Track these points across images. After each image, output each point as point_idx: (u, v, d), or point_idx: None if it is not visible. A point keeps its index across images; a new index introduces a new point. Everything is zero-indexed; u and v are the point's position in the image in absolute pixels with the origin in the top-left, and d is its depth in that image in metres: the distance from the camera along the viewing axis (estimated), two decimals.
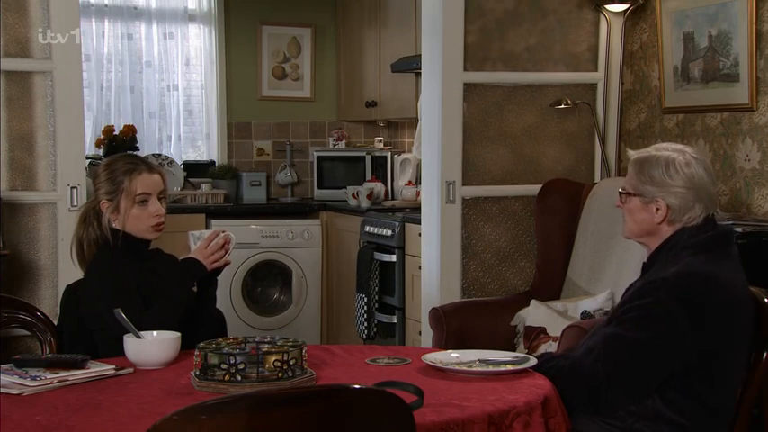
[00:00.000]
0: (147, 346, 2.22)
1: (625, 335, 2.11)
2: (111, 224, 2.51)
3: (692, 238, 2.18)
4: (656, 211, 2.21)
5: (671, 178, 2.19)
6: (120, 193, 2.49)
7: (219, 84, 5.83)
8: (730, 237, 2.27)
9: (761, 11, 3.48)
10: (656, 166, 2.22)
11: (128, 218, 2.49)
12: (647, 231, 2.25)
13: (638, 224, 2.26)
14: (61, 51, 3.39)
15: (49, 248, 3.44)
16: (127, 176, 2.50)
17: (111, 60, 5.64)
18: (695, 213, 2.19)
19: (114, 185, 2.50)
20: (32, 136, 3.41)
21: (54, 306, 3.22)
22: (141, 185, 2.51)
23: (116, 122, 5.61)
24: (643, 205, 2.23)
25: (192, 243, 2.58)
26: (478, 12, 3.97)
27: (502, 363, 2.16)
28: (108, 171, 2.53)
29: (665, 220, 2.20)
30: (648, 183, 2.22)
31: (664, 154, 2.23)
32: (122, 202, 2.49)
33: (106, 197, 2.51)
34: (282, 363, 1.99)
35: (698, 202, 2.19)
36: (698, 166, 2.21)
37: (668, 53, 3.90)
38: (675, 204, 2.19)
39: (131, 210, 2.49)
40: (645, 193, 2.23)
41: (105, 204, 2.52)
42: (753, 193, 3.59)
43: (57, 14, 3.37)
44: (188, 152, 5.90)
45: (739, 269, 2.24)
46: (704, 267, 2.13)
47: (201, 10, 5.78)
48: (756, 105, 3.54)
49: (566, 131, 4.12)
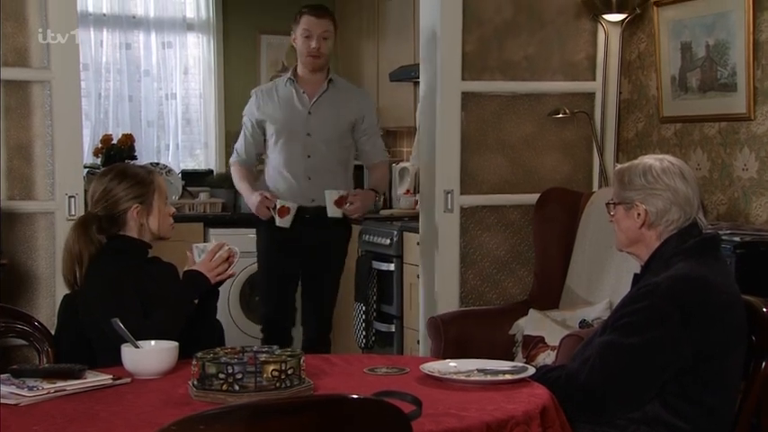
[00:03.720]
0: (145, 356, 2.22)
1: (620, 341, 2.12)
2: (142, 229, 2.55)
3: (681, 244, 2.21)
4: (637, 216, 2.25)
5: (648, 183, 2.25)
6: (151, 194, 2.56)
7: (218, 92, 5.84)
8: (717, 241, 2.33)
9: (758, 21, 3.49)
10: (634, 173, 2.28)
11: (161, 216, 2.58)
12: (634, 239, 2.29)
13: (624, 233, 2.30)
14: (60, 61, 3.40)
15: (46, 258, 3.43)
16: (154, 177, 2.60)
17: (109, 69, 5.65)
18: (673, 217, 2.23)
19: (144, 188, 2.55)
20: (30, 145, 3.41)
21: (52, 316, 3.21)
22: (165, 186, 2.65)
23: (114, 131, 5.61)
24: (626, 212, 2.28)
25: (197, 256, 2.58)
26: (477, 21, 3.98)
27: (500, 372, 2.15)
28: (129, 178, 2.55)
29: (644, 224, 2.24)
30: (628, 189, 2.28)
31: (642, 161, 2.30)
32: (155, 201, 2.57)
33: (137, 201, 2.53)
34: (280, 372, 1.99)
35: (674, 205, 2.23)
36: (675, 170, 2.26)
37: (666, 63, 3.91)
38: (652, 208, 2.23)
39: (164, 208, 2.59)
40: (625, 200, 2.28)
41: (137, 208, 2.53)
42: (751, 202, 3.59)
43: (55, 23, 3.38)
44: (186, 161, 5.90)
45: (729, 272, 2.29)
46: (695, 271, 2.15)
47: (200, 19, 5.80)
48: (754, 115, 3.55)
49: (564, 140, 4.13)
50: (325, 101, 3.82)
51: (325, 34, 3.78)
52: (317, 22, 3.77)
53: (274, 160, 3.84)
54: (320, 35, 3.77)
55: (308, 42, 3.77)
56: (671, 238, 2.22)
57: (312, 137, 3.80)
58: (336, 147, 3.82)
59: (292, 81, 3.85)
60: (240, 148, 3.94)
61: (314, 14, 3.78)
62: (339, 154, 3.84)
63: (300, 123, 3.80)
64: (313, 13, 3.79)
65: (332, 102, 3.83)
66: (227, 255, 2.57)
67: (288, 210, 3.71)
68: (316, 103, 3.81)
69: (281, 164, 3.82)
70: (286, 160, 3.81)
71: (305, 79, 3.85)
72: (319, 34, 3.77)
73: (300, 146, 3.80)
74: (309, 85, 3.84)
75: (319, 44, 3.77)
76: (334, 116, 3.81)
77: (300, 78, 3.85)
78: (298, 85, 3.84)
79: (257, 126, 3.88)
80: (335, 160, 3.83)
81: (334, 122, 3.81)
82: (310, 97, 3.82)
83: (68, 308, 2.56)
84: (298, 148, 3.80)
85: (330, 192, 3.72)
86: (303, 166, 3.79)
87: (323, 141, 3.80)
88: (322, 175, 3.78)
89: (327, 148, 3.80)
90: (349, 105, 3.85)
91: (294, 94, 3.83)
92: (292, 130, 3.80)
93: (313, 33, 3.77)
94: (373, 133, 3.94)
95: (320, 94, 3.82)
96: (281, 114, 3.82)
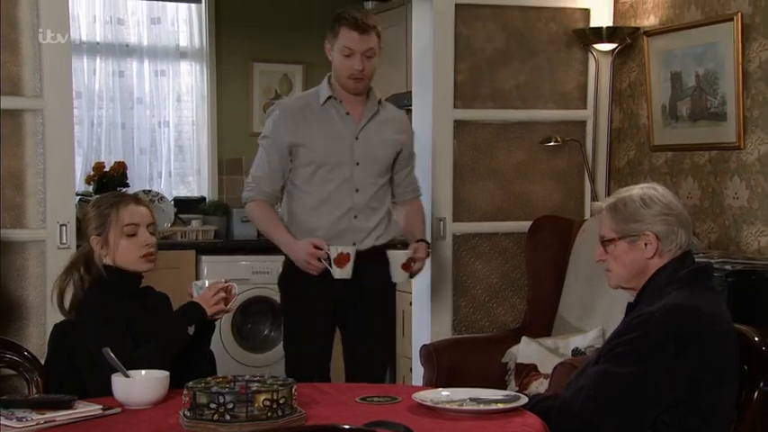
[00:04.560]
0: (136, 386, 2.20)
1: (614, 371, 2.11)
2: (102, 260, 2.50)
3: (674, 274, 2.20)
4: (645, 246, 2.21)
5: (650, 208, 2.21)
6: (108, 226, 2.49)
7: (210, 120, 5.85)
8: (710, 271, 2.31)
9: (747, 51, 3.53)
10: (630, 203, 2.23)
11: (117, 250, 2.48)
12: (638, 271, 2.24)
13: (627, 267, 2.24)
14: (52, 89, 3.40)
15: (37, 286, 3.41)
16: (113, 209, 2.50)
17: (102, 97, 5.65)
18: (681, 240, 2.21)
19: (101, 219, 2.50)
20: (22, 174, 3.41)
21: (42, 345, 3.19)
22: (128, 216, 2.50)
23: (107, 159, 5.61)
24: (630, 245, 2.23)
25: (195, 293, 2.56)
26: (468, 50, 4.01)
27: (493, 401, 2.14)
28: (94, 207, 2.54)
29: (656, 252, 2.20)
30: (630, 221, 2.22)
31: (633, 192, 2.26)
32: (111, 234, 2.49)
33: (95, 232, 2.51)
34: (272, 402, 1.98)
35: (681, 228, 2.21)
36: (668, 194, 2.25)
37: (656, 92, 3.93)
38: (662, 231, 2.20)
39: (120, 241, 2.48)
40: (630, 232, 2.22)
41: (95, 240, 2.51)
42: (741, 230, 3.60)
43: (48, 58, 3.38)
44: (179, 188, 5.89)
45: (722, 302, 2.26)
46: (689, 301, 2.14)
47: (193, 47, 5.81)
48: (744, 144, 3.58)
49: (555, 168, 4.15)
50: (374, 125, 3.20)
51: (369, 53, 3.10)
52: (359, 39, 3.07)
53: (308, 195, 3.17)
54: (364, 54, 3.09)
55: (349, 63, 3.10)
56: (665, 266, 2.21)
57: (361, 167, 3.17)
58: (382, 180, 3.23)
59: (334, 99, 3.19)
60: (262, 180, 3.20)
61: (356, 29, 3.07)
62: (384, 189, 3.24)
63: (347, 151, 3.15)
64: (355, 27, 3.07)
65: (380, 126, 3.22)
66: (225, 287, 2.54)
67: (347, 256, 3.04)
68: (365, 127, 3.19)
69: (319, 200, 3.16)
70: (328, 195, 3.15)
71: (346, 97, 3.19)
72: (363, 53, 3.09)
73: (347, 178, 3.15)
74: (353, 105, 3.20)
75: (363, 65, 3.10)
76: (381, 143, 3.21)
77: (340, 94, 3.19)
78: (340, 105, 3.19)
79: (287, 151, 3.17)
80: (379, 197, 3.22)
81: (382, 151, 3.21)
82: (357, 120, 3.19)
83: (59, 337, 2.55)
84: (343, 180, 3.16)
85: (395, 253, 3.14)
86: (350, 202, 3.16)
87: (370, 173, 3.18)
88: (367, 215, 3.18)
89: (375, 182, 3.19)
90: (395, 131, 3.26)
91: (336, 114, 3.18)
92: (338, 160, 3.15)
93: (355, 52, 3.09)
94: (412, 165, 3.39)
95: (369, 117, 3.20)
96: (323, 139, 3.15)
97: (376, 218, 3.19)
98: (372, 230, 3.18)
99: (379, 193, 3.21)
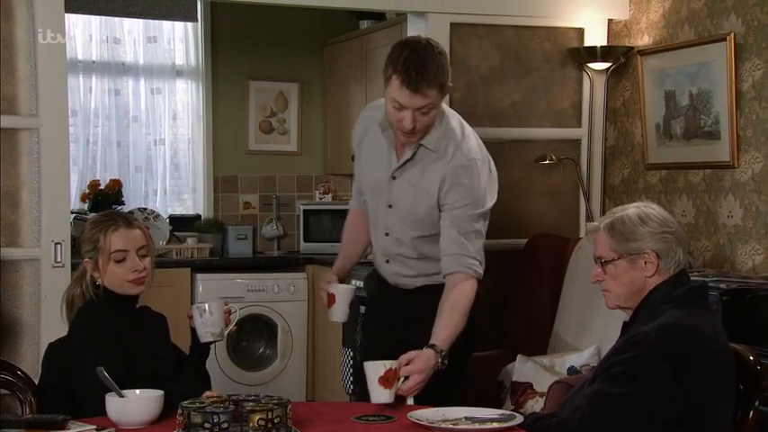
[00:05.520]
0: (130, 405, 2.20)
1: (610, 391, 2.10)
2: (95, 281, 2.51)
3: (670, 292, 2.19)
4: (645, 264, 2.20)
5: (648, 226, 2.20)
6: (97, 251, 2.49)
7: (206, 138, 5.85)
8: (705, 290, 2.31)
9: (740, 70, 3.55)
10: (628, 222, 2.22)
11: (105, 275, 2.48)
12: (637, 290, 2.22)
13: (626, 287, 2.23)
14: (48, 108, 3.41)
15: (31, 305, 3.40)
16: (102, 233, 2.49)
17: (98, 115, 5.66)
18: (679, 258, 2.21)
19: (92, 244, 2.50)
20: (17, 192, 3.41)
21: (36, 364, 3.18)
22: (117, 242, 2.48)
23: (102, 176, 5.61)
24: (630, 264, 2.21)
25: (198, 316, 2.52)
26: (463, 68, 4.02)
27: (488, 420, 2.14)
28: (88, 229, 2.54)
29: (656, 271, 2.20)
30: (629, 239, 2.21)
31: (629, 211, 2.24)
32: (100, 259, 2.48)
33: (87, 255, 2.51)
34: (267, 421, 1.97)
35: (678, 246, 2.21)
36: (664, 212, 2.25)
37: (650, 111, 3.95)
38: (662, 248, 2.19)
39: (108, 266, 2.48)
40: (630, 251, 2.21)
41: (88, 263, 2.51)
42: (736, 249, 3.61)
43: (44, 75, 3.39)
44: (174, 206, 5.89)
45: (718, 321, 2.26)
46: (686, 320, 2.13)
47: (189, 65, 5.83)
48: (738, 163, 3.59)
49: (550, 186, 4.16)
50: (419, 168, 2.71)
51: (424, 109, 2.58)
52: (411, 97, 2.55)
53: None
54: (416, 109, 2.57)
55: (398, 114, 2.60)
56: (661, 285, 2.20)
57: (393, 210, 2.77)
58: (417, 234, 2.74)
59: (385, 130, 2.72)
60: (355, 187, 2.95)
61: (408, 86, 2.53)
62: (425, 244, 2.75)
63: (384, 188, 2.76)
64: (407, 82, 2.52)
65: (424, 171, 2.70)
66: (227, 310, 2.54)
67: (333, 297, 2.79)
68: (402, 167, 2.73)
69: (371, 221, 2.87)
70: (373, 223, 2.86)
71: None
72: (415, 109, 2.57)
73: (379, 218, 2.81)
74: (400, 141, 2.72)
75: (414, 122, 2.59)
76: (415, 192, 2.72)
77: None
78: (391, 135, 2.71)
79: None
80: (415, 249, 2.77)
81: (412, 201, 2.72)
82: (398, 157, 2.74)
83: (53, 356, 2.54)
84: (377, 219, 2.83)
85: (372, 365, 2.32)
86: (382, 245, 2.83)
87: (402, 221, 2.75)
88: (402, 263, 2.80)
89: (406, 232, 2.75)
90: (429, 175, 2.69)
91: (386, 145, 2.74)
92: (374, 196, 2.82)
93: (406, 107, 2.57)
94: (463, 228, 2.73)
95: (406, 159, 2.71)
96: (367, 168, 2.83)
97: (412, 270, 2.80)
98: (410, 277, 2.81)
99: (414, 245, 2.75)
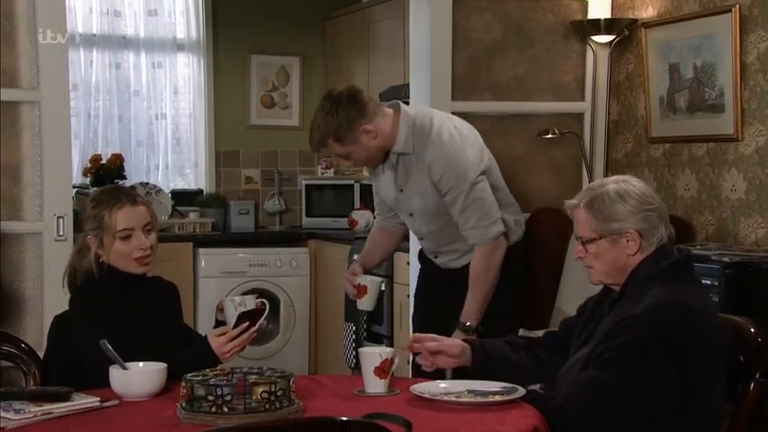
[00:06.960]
0: (133, 378, 2.20)
1: (603, 377, 2.07)
2: (98, 259, 2.49)
3: (655, 267, 2.16)
4: (627, 242, 2.16)
5: (628, 204, 2.15)
6: (102, 230, 2.47)
7: (208, 112, 5.84)
8: (691, 261, 2.26)
9: (745, 42, 3.52)
10: (608, 200, 2.17)
11: (111, 254, 2.47)
12: (620, 268, 2.19)
13: (608, 264, 2.19)
14: (49, 81, 3.39)
15: (34, 279, 3.40)
16: (107, 211, 2.46)
17: (99, 89, 5.65)
18: (662, 234, 2.17)
19: (97, 221, 2.48)
20: (19, 166, 3.40)
21: (39, 337, 3.19)
22: (122, 220, 2.45)
23: (103, 151, 5.60)
24: (612, 244, 2.17)
25: (233, 309, 2.46)
26: (466, 42, 4.00)
27: (490, 393, 2.14)
28: (91, 206, 2.51)
29: (639, 249, 2.16)
30: (610, 219, 2.17)
31: (608, 187, 2.19)
32: (105, 237, 2.46)
33: (92, 233, 2.50)
34: (270, 394, 1.98)
35: (660, 222, 2.17)
36: (645, 188, 2.20)
37: (654, 84, 3.93)
38: (644, 227, 2.15)
39: (113, 245, 2.46)
40: (611, 231, 2.17)
41: (92, 240, 2.50)
42: (739, 222, 3.60)
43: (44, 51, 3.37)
44: (176, 180, 5.89)
45: (705, 293, 2.22)
46: (674, 297, 2.10)
47: (190, 39, 5.80)
48: (742, 136, 3.57)
49: (553, 161, 4.14)
50: (403, 177, 3.05)
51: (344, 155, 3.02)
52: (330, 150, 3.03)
53: None
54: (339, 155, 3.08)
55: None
56: (645, 260, 2.16)
57: (414, 216, 3.12)
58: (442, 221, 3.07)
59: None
60: (375, 198, 3.31)
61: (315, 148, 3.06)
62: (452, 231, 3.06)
63: (399, 201, 3.13)
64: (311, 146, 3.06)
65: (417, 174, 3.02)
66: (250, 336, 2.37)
67: (364, 289, 3.05)
68: (397, 180, 3.09)
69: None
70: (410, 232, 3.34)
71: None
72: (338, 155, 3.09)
73: (410, 225, 3.23)
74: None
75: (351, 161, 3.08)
76: (416, 192, 3.06)
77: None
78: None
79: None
80: (452, 237, 3.10)
81: (420, 199, 3.06)
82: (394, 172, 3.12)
83: (58, 329, 2.54)
84: (410, 227, 3.26)
85: (368, 353, 2.26)
86: (425, 246, 3.25)
87: (425, 222, 3.11)
88: (445, 255, 3.18)
89: (436, 227, 3.10)
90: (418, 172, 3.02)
91: (383, 167, 3.10)
92: (398, 209, 3.20)
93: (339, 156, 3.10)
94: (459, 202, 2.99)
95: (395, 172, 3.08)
96: (380, 186, 3.21)
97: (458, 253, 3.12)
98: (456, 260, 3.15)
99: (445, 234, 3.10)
